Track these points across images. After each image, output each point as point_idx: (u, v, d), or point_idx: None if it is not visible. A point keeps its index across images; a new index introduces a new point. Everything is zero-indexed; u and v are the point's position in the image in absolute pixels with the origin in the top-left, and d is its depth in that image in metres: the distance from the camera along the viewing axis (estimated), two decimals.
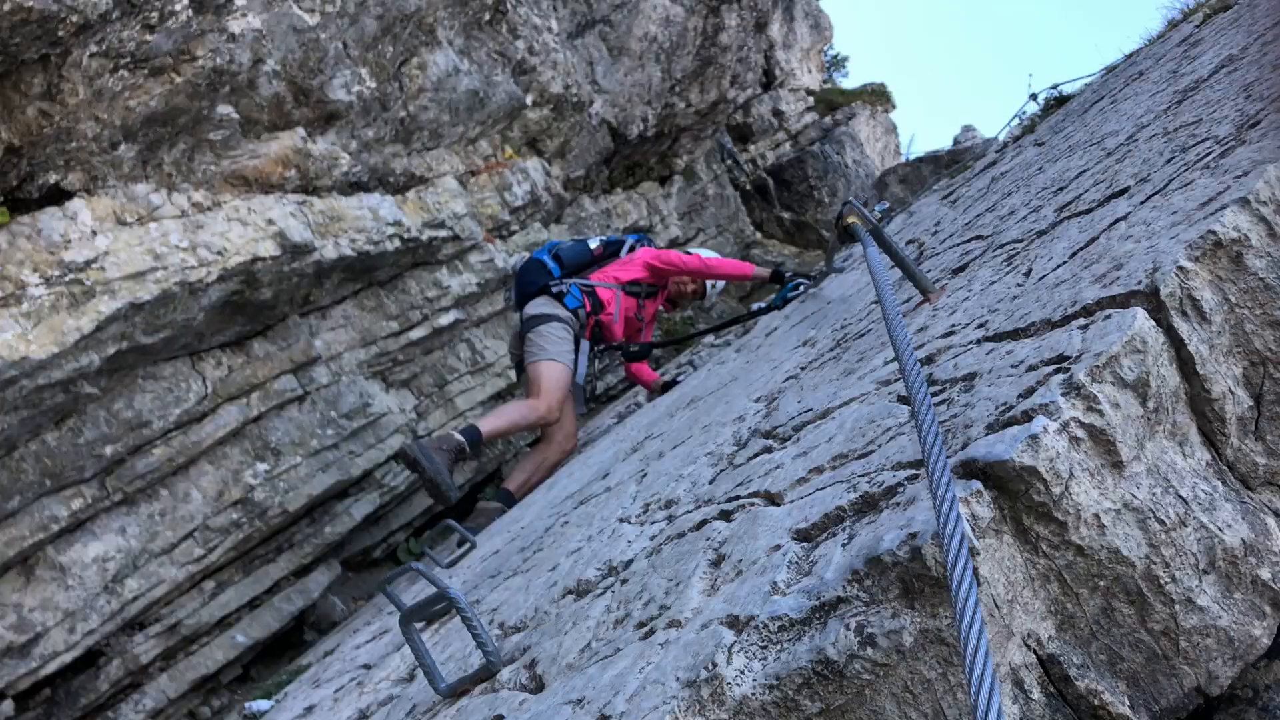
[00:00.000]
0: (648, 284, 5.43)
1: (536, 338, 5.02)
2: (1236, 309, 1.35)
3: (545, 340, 5.01)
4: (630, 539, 1.97)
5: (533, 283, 5.28)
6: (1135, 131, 2.33)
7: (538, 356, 4.97)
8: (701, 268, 5.47)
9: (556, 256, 5.37)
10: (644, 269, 5.41)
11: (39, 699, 4.48)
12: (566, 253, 5.41)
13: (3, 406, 3.98)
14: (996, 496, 1.20)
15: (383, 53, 5.92)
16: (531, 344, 5.02)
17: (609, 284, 5.32)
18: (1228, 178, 1.50)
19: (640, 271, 5.41)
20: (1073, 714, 1.20)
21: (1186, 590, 1.22)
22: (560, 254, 5.38)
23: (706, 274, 5.49)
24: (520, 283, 5.38)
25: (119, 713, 4.59)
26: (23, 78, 3.84)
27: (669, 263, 5.45)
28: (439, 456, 4.46)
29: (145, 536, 4.69)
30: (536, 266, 5.35)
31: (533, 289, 5.26)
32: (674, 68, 9.82)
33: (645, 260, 5.43)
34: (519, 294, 5.37)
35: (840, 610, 1.18)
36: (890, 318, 1.45)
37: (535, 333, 5.03)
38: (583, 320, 5.20)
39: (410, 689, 2.10)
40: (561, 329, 5.06)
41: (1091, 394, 1.23)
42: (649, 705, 1.22)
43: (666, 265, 5.43)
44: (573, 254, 5.41)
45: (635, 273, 5.41)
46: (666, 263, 5.44)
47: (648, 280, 5.42)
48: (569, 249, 5.45)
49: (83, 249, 4.17)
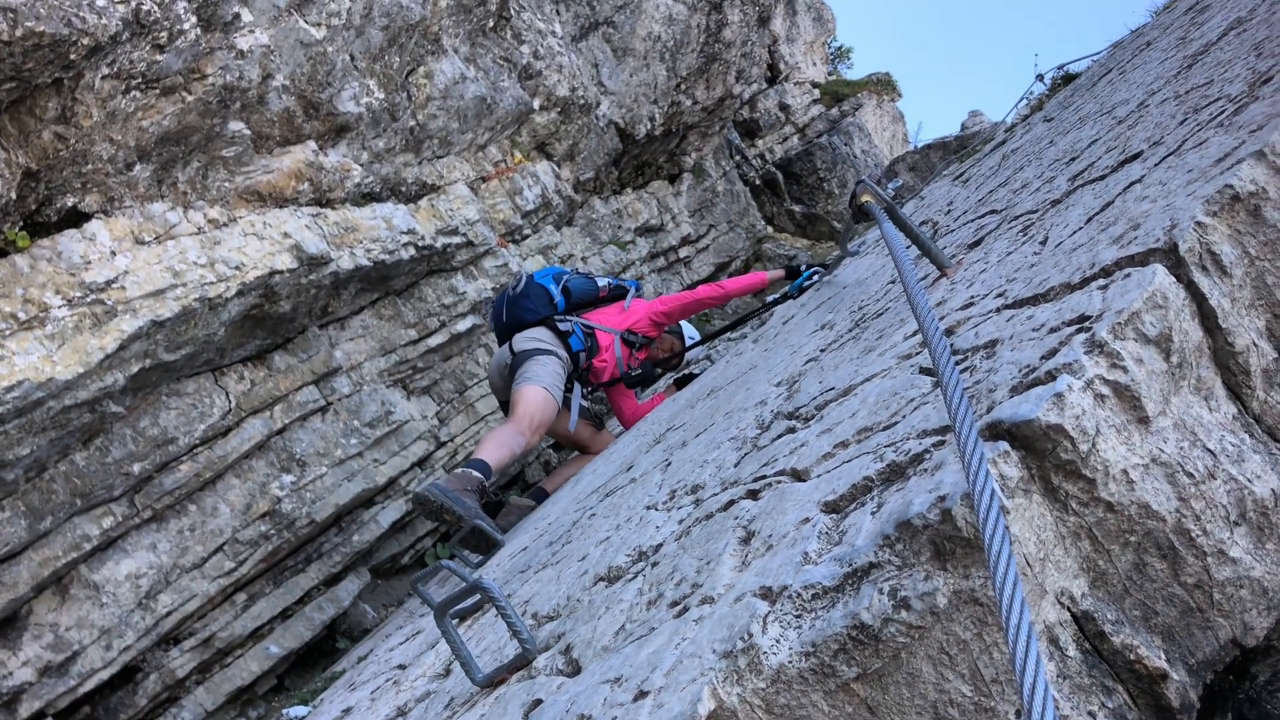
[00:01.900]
0: (643, 336, 5.20)
1: (533, 364, 4.73)
2: (1257, 262, 1.35)
3: (542, 369, 4.71)
4: (658, 524, 1.98)
5: (534, 311, 4.99)
6: (1145, 98, 2.32)
7: (530, 381, 4.65)
8: (719, 293, 5.26)
9: (566, 290, 5.11)
10: (648, 321, 5.20)
11: (78, 717, 4.53)
12: (576, 288, 5.15)
13: (31, 428, 4.03)
14: (1024, 456, 1.20)
15: (390, 63, 5.96)
16: (526, 370, 4.71)
17: (609, 329, 5.11)
18: (1242, 133, 1.50)
19: (643, 322, 5.19)
20: (1109, 669, 1.20)
21: (1218, 542, 1.22)
22: (570, 288, 5.13)
23: (725, 297, 5.29)
24: (517, 307, 5.03)
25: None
26: (37, 102, 3.89)
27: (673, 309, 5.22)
28: (470, 500, 3.95)
29: (176, 552, 4.73)
30: (540, 294, 5.07)
31: (533, 318, 4.98)
32: (679, 66, 9.83)
33: (649, 313, 5.20)
34: (513, 319, 5.03)
35: (873, 575, 1.19)
36: (909, 286, 1.45)
37: (533, 360, 4.75)
38: (579, 365, 4.98)
39: (447, 683, 2.12)
40: (558, 366, 4.81)
41: (1114, 351, 1.23)
42: (686, 678, 1.23)
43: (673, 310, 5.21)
44: (581, 291, 5.17)
45: (636, 322, 5.19)
46: (670, 311, 5.21)
47: (644, 332, 5.20)
48: (579, 285, 5.19)
49: (103, 269, 4.22)
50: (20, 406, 3.88)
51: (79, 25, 3.65)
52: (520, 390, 4.62)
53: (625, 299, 5.33)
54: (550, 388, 4.65)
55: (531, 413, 4.50)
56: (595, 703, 1.34)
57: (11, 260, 4.00)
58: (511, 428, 4.41)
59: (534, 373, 4.67)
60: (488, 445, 4.29)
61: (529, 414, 4.49)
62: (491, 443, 4.31)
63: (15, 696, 4.20)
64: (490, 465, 4.18)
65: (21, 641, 4.27)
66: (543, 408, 4.55)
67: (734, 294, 5.34)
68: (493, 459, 4.21)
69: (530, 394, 4.58)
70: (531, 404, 4.53)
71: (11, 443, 3.95)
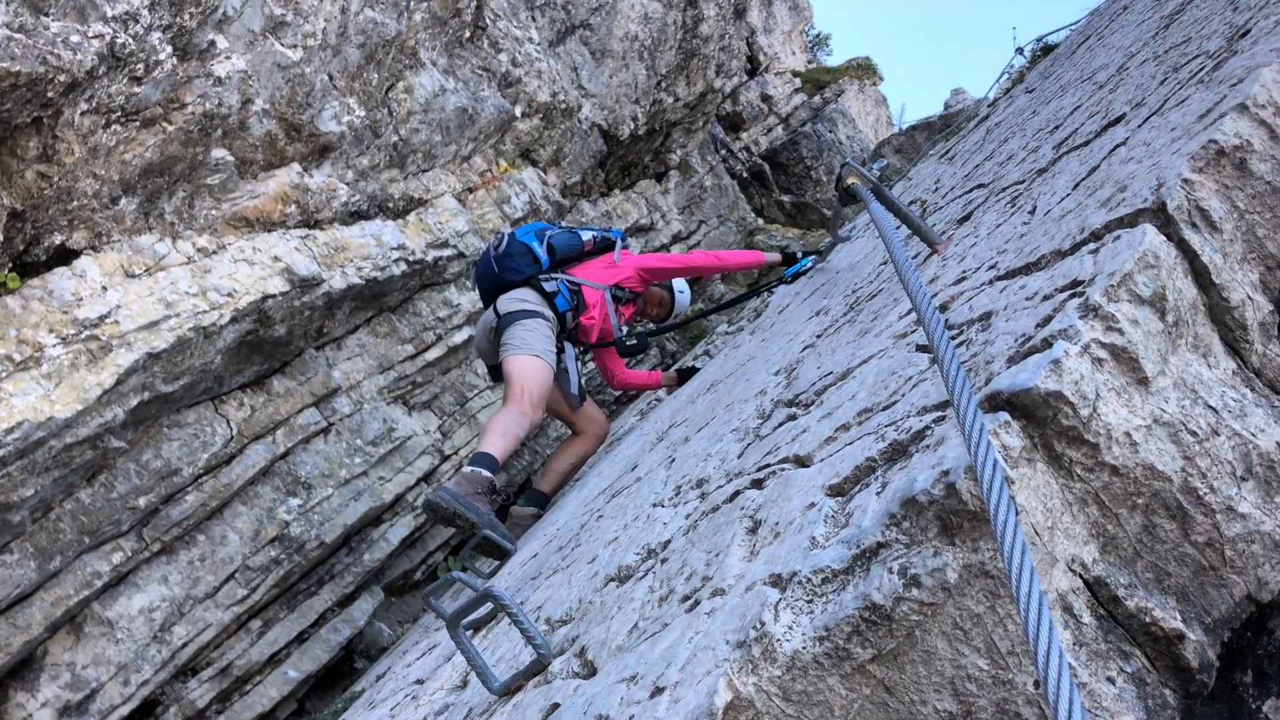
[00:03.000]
0: (631, 291, 5.01)
1: (520, 330, 4.48)
2: (1246, 215, 1.34)
3: (530, 334, 4.47)
4: (665, 521, 1.98)
5: (517, 270, 4.73)
6: (1125, 61, 2.32)
7: (520, 350, 4.40)
8: (714, 262, 5.19)
9: (550, 247, 4.83)
10: (636, 277, 5.00)
11: None
12: (560, 244, 4.87)
13: (34, 469, 4.02)
14: (1025, 426, 1.19)
15: (369, 80, 5.95)
16: (513, 336, 4.47)
17: (596, 285, 4.87)
18: (1223, 88, 1.49)
19: (632, 278, 4.99)
20: (1125, 634, 1.19)
21: (1226, 499, 1.21)
22: (554, 244, 4.84)
23: (720, 267, 5.25)
24: (501, 267, 4.76)
25: None
26: (18, 142, 3.88)
27: (664, 268, 5.08)
28: (482, 505, 3.76)
29: (187, 583, 4.73)
30: (522, 253, 4.78)
31: (517, 278, 4.72)
32: (658, 64, 9.83)
33: (639, 267, 5.01)
34: (495, 280, 4.78)
35: (881, 555, 1.18)
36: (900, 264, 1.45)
37: (519, 325, 4.50)
38: (567, 324, 4.75)
39: (465, 694, 2.11)
40: (546, 328, 4.56)
41: (1109, 314, 1.23)
42: (701, 671, 1.22)
43: (664, 270, 5.07)
44: (566, 246, 4.89)
45: (626, 278, 4.97)
46: (660, 269, 5.07)
47: (632, 288, 5.01)
48: (562, 240, 4.89)
49: (95, 305, 4.22)
50: (22, 448, 3.87)
51: (54, 63, 3.65)
52: (512, 362, 4.37)
53: (613, 251, 5.06)
54: (542, 354, 4.42)
55: (529, 387, 4.25)
56: (612, 702, 1.34)
57: (3, 302, 4.00)
58: (513, 409, 4.17)
59: (521, 339, 4.43)
60: (491, 435, 4.05)
61: (526, 389, 4.24)
62: (494, 432, 4.06)
63: None
64: (497, 458, 3.96)
65: (39, 682, 4.27)
66: (538, 379, 4.32)
67: (730, 266, 5.23)
68: (499, 450, 3.99)
69: (522, 365, 4.34)
70: (526, 376, 4.29)
71: (15, 484, 3.94)
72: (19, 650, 4.16)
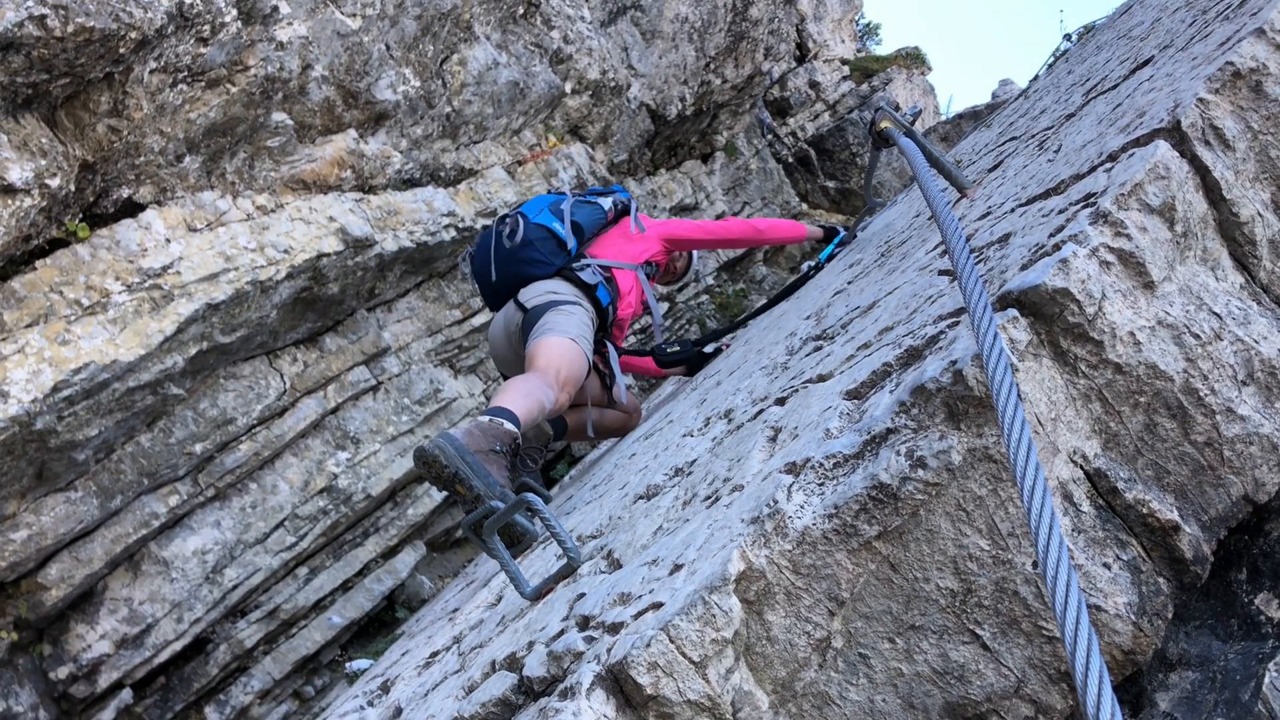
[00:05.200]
0: (656, 265, 4.23)
1: (556, 314, 3.57)
2: (1260, 136, 1.39)
3: (568, 319, 3.57)
4: (693, 446, 2.06)
5: (545, 263, 3.80)
6: (1159, 15, 2.34)
7: (553, 332, 3.46)
8: (750, 233, 4.44)
9: (577, 227, 3.92)
10: (662, 248, 4.20)
11: (154, 686, 4.73)
12: (586, 220, 3.99)
13: (99, 410, 4.22)
14: (1033, 322, 1.25)
15: (424, 51, 6.09)
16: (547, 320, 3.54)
17: (627, 265, 4.00)
18: (1244, 18, 1.54)
19: (659, 252, 4.19)
20: (1122, 524, 1.25)
21: (1226, 401, 1.26)
22: (580, 223, 3.95)
23: (756, 239, 4.53)
24: (517, 261, 3.82)
25: (229, 695, 4.83)
26: (90, 96, 4.06)
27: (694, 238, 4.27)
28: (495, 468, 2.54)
29: (239, 528, 4.92)
30: (544, 239, 3.83)
31: (546, 271, 3.79)
32: (707, 45, 9.87)
33: (665, 236, 4.21)
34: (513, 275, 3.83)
35: (890, 440, 1.25)
36: (926, 185, 1.51)
37: (556, 310, 3.59)
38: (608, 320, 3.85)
39: (499, 608, 2.22)
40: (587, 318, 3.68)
41: (1118, 220, 1.28)
42: (717, 546, 1.30)
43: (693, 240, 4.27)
44: (591, 222, 4.02)
45: (652, 251, 4.15)
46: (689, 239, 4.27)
47: (658, 262, 4.23)
48: (588, 216, 4.01)
49: (158, 256, 4.40)
50: (87, 388, 4.07)
51: (126, 20, 3.82)
52: (539, 342, 3.42)
53: (629, 217, 4.22)
54: (580, 339, 3.47)
55: (558, 364, 3.28)
56: (634, 582, 1.42)
57: (73, 250, 4.19)
58: (536, 377, 3.16)
59: (556, 323, 3.50)
60: (510, 394, 2.97)
61: (554, 365, 3.27)
62: (514, 390, 3.00)
63: (94, 668, 4.41)
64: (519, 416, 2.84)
65: (99, 616, 4.48)
66: (572, 361, 3.35)
67: (768, 239, 4.51)
68: (520, 409, 2.87)
69: (553, 344, 3.39)
70: (557, 354, 3.34)
71: (81, 424, 4.14)
72: (81, 583, 4.37)
